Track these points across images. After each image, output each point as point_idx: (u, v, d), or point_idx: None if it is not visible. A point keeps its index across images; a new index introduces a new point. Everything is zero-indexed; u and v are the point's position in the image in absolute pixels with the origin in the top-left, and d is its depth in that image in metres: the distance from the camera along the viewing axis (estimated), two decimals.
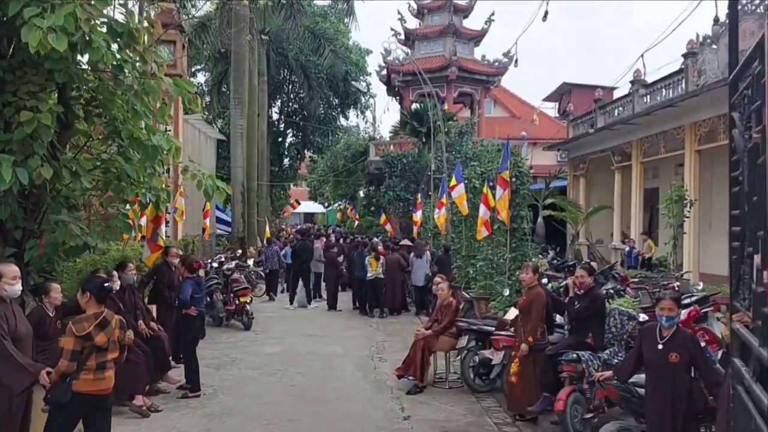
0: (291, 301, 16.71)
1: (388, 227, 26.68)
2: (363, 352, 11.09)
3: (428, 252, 15.91)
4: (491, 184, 11.92)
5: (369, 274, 14.97)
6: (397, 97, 36.42)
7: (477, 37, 34.39)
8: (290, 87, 35.54)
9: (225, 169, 24.95)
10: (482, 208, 11.76)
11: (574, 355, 6.70)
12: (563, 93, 34.08)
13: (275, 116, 36.18)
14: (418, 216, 19.66)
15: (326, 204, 55.64)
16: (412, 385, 8.57)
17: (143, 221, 10.69)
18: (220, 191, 7.41)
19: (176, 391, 8.28)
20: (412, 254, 15.82)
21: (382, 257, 15.21)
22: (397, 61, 33.19)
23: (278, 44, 30.45)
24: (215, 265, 15.24)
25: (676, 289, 9.07)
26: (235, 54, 20.73)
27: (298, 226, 36.76)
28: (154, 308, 9.95)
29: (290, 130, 37.02)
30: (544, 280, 10.57)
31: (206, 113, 29.70)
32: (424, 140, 26.39)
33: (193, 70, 35.79)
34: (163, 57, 7.27)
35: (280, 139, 36.19)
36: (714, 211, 16.74)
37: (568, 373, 6.72)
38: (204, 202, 19.08)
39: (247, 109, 21.92)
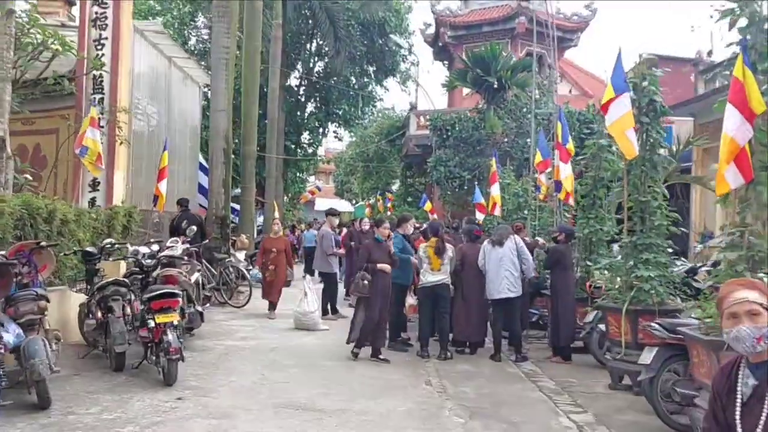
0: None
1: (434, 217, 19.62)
2: None
3: (515, 239, 8.54)
4: (752, 63, 4.83)
5: (426, 279, 7.98)
6: (446, 62, 29.46)
7: None
8: (312, 45, 28.67)
9: None
10: (732, 120, 4.66)
11: None
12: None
13: (294, 82, 29.34)
14: (494, 192, 12.51)
15: (354, 201, 48.87)
16: None
17: None
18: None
19: None
20: (485, 242, 8.62)
21: (450, 248, 8.17)
22: (448, 12, 26.26)
23: None
24: (144, 250, 8.21)
25: None
26: None
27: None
28: None
29: (311, 101, 30.11)
30: None
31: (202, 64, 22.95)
32: (486, 99, 19.37)
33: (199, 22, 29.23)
34: None
35: (299, 113, 29.33)
36: None
37: None
38: (160, 153, 12.29)
39: (236, 27, 15.09)
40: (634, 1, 65.55)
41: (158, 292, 6.23)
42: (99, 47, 11.30)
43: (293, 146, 28.76)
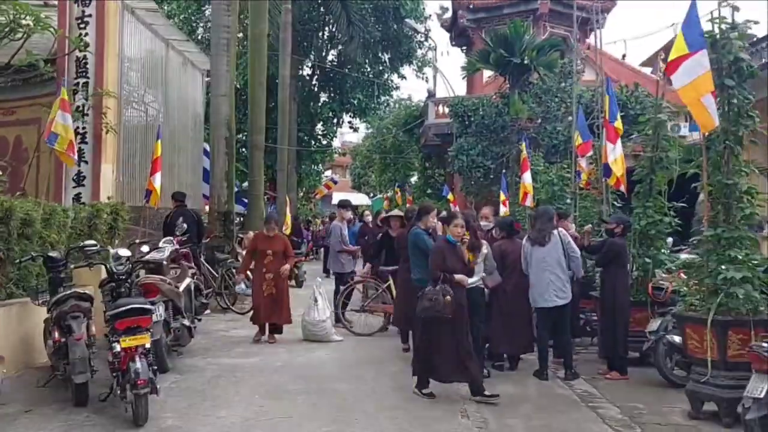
0: None
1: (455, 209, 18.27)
2: None
3: (560, 234, 7.20)
4: None
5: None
6: (464, 47, 28.02)
7: None
8: (324, 33, 27.38)
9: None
10: None
11: None
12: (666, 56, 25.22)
13: (307, 71, 28.09)
14: (526, 180, 11.16)
15: (371, 194, 47.60)
16: None
17: None
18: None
19: None
20: (524, 241, 7.29)
21: (486, 246, 6.81)
22: None
23: None
24: (126, 253, 6.93)
25: None
26: None
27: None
28: None
29: (325, 91, 28.82)
30: None
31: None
32: (510, 82, 17.91)
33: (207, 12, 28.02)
34: None
35: (312, 103, 28.06)
36: None
37: None
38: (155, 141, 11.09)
39: (237, 6, 13.90)
40: None
41: (124, 308, 4.99)
42: (82, 25, 10.11)
43: (307, 138, 27.58)
